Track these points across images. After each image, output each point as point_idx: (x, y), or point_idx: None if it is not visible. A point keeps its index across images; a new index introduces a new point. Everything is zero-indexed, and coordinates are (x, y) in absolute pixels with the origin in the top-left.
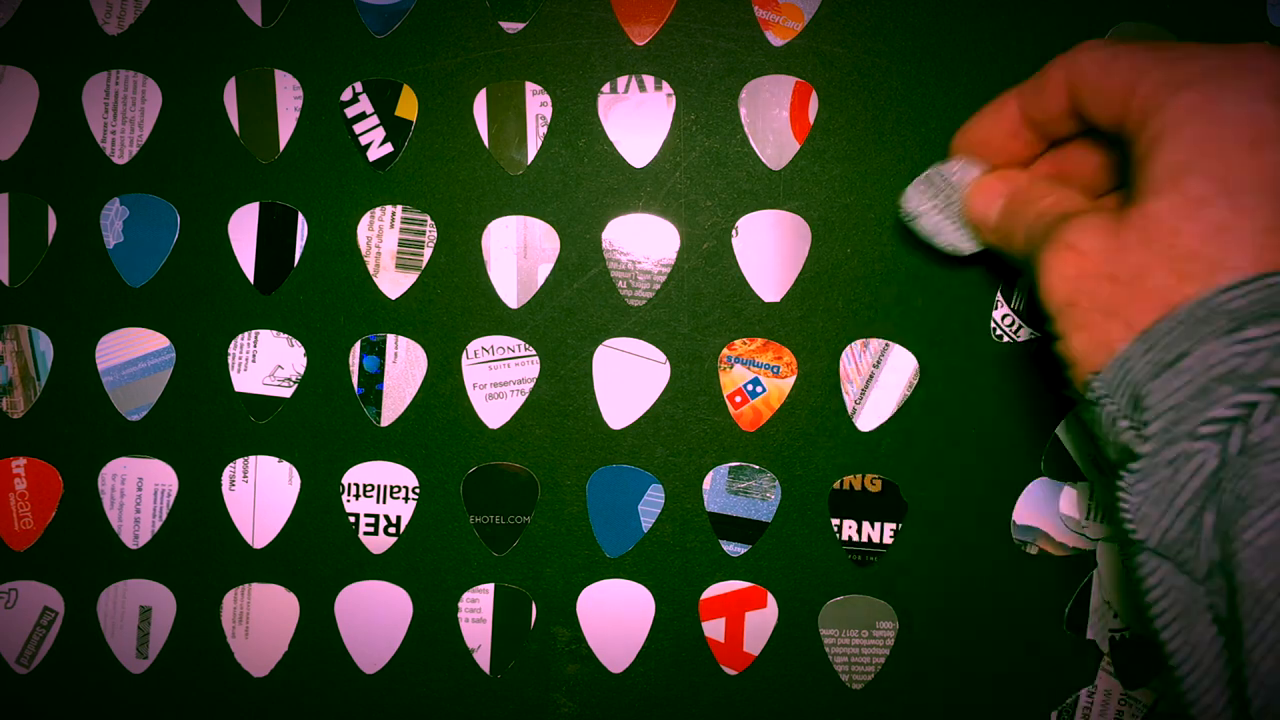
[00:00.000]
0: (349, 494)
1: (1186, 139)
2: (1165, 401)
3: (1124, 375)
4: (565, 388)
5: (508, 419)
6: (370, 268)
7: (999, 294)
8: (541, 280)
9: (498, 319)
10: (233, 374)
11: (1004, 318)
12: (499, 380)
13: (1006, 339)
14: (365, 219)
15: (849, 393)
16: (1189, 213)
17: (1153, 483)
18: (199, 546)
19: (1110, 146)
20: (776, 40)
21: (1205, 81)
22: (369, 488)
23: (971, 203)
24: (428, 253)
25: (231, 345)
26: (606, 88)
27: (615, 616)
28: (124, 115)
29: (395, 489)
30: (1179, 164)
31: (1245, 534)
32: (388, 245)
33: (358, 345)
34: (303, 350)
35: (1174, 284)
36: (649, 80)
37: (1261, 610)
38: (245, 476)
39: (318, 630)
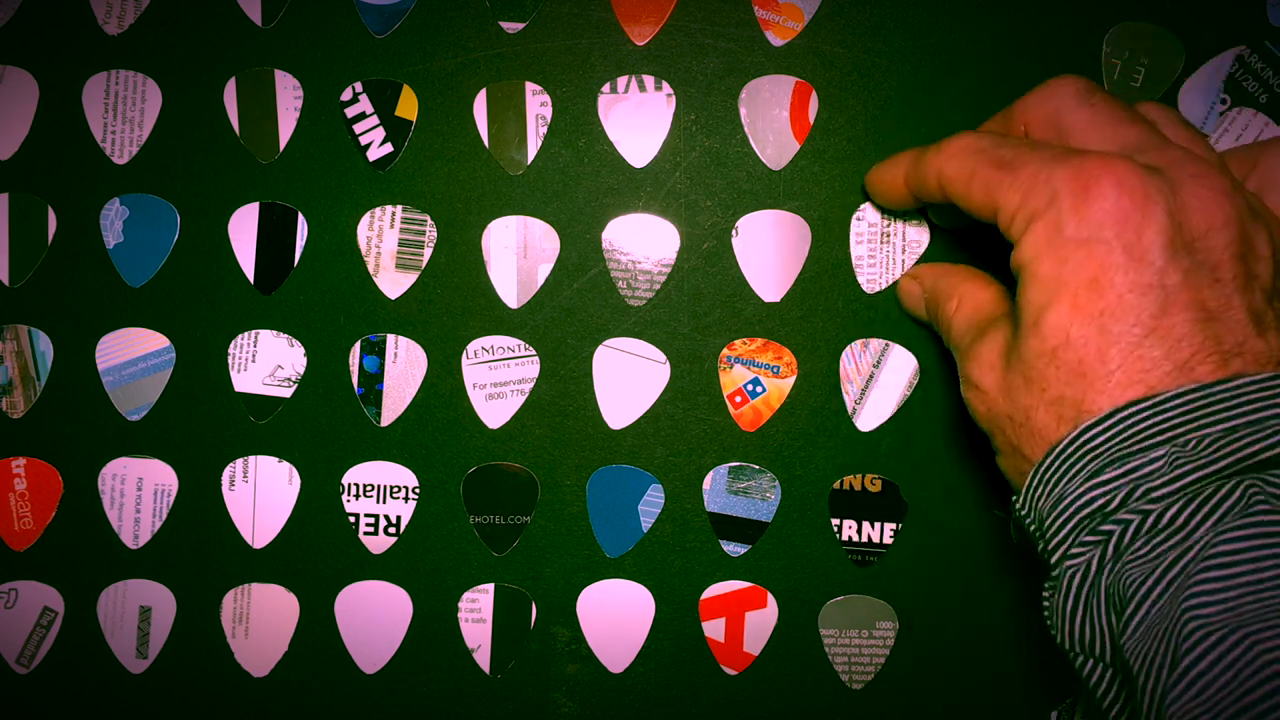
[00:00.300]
0: (349, 494)
1: (1040, 277)
2: (1058, 533)
3: (1032, 504)
4: (565, 388)
5: (508, 419)
6: (370, 268)
7: None
8: (541, 280)
9: (498, 319)
10: (233, 374)
11: None
12: (499, 380)
13: None
14: (365, 219)
15: (849, 393)
16: (1050, 358)
17: (1058, 596)
18: (199, 546)
19: None
20: (776, 40)
21: (1051, 209)
22: (369, 488)
23: (902, 303)
24: (428, 253)
25: (231, 345)
26: (606, 88)
27: (615, 616)
28: (124, 115)
29: (395, 489)
30: (1038, 304)
31: (1124, 630)
32: (388, 245)
33: (358, 345)
34: (303, 350)
35: (1053, 424)
36: (649, 80)
37: (1140, 694)
38: (245, 476)
39: (318, 630)
